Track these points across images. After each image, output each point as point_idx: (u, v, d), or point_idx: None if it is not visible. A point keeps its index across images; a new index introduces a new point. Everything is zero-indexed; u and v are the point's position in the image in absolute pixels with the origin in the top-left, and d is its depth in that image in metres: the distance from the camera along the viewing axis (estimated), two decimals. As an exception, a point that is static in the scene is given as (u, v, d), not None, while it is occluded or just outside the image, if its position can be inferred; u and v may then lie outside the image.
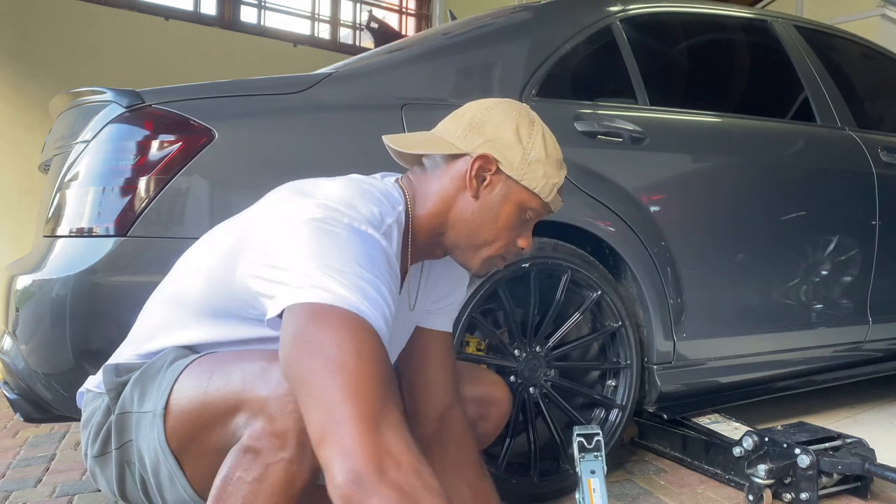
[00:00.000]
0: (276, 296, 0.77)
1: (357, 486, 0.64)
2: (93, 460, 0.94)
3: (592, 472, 1.21)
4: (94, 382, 0.98)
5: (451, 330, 1.16)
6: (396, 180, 1.00)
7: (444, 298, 1.15)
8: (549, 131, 0.99)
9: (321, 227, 0.80)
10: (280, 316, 0.77)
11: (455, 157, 0.97)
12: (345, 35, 5.65)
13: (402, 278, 1.03)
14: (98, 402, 0.95)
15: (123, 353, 0.99)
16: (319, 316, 0.72)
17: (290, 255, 0.78)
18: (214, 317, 0.92)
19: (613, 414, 1.73)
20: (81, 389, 1.02)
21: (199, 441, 0.83)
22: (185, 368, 0.86)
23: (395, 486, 0.65)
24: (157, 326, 0.97)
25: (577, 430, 1.27)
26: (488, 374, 1.27)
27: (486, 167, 0.95)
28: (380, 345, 0.74)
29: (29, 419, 1.40)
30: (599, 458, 1.23)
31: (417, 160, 1.03)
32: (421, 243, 1.00)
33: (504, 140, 0.95)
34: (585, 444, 1.24)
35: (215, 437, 0.81)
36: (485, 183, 0.95)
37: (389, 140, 0.99)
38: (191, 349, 0.93)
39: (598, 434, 1.25)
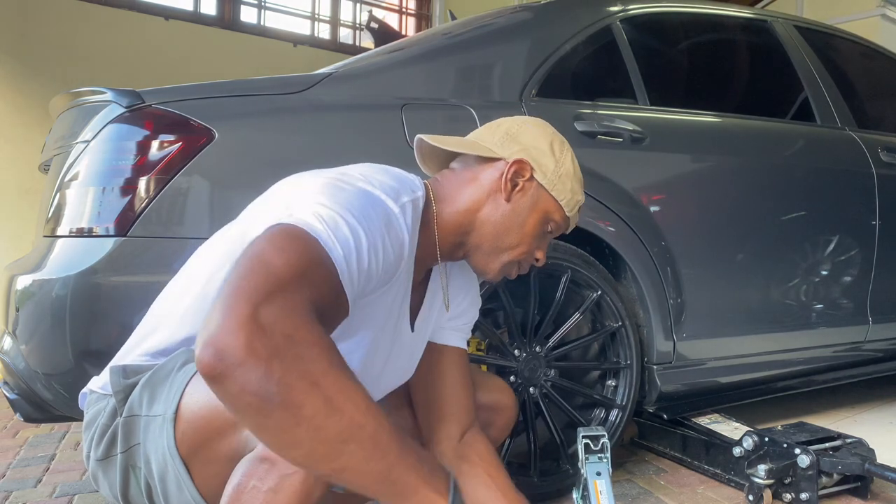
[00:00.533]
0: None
1: (217, 361, 0.60)
2: (96, 463, 0.92)
3: (598, 473, 1.21)
4: (99, 383, 0.96)
5: (465, 347, 1.18)
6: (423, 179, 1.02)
7: (460, 317, 1.17)
8: (574, 154, 1.05)
9: (330, 183, 0.82)
10: None
11: (489, 160, 1.01)
12: (345, 35, 5.65)
13: (423, 270, 1.03)
14: (103, 404, 0.93)
15: (129, 355, 0.97)
16: (271, 233, 0.72)
17: (281, 205, 0.80)
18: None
19: (613, 414, 1.74)
20: (84, 390, 1.00)
21: (210, 447, 0.81)
22: (196, 372, 0.85)
23: (262, 356, 0.60)
24: (160, 318, 0.95)
25: (582, 431, 1.27)
26: (494, 381, 1.27)
27: (521, 172, 0.99)
28: (316, 255, 0.71)
29: (29, 419, 1.40)
30: (605, 460, 1.22)
31: (444, 165, 1.07)
32: (445, 240, 1.01)
33: (540, 149, 1.00)
34: (591, 445, 1.23)
35: (227, 445, 0.80)
36: (517, 188, 0.99)
37: (427, 137, 1.02)
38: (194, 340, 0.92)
39: (603, 436, 1.25)
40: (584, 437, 1.25)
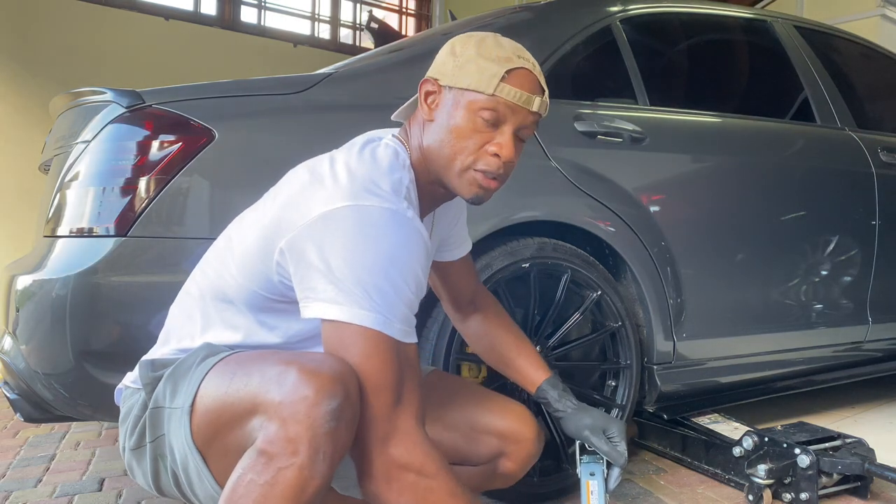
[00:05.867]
0: (306, 299, 0.86)
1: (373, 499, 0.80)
2: (130, 453, 0.96)
3: (592, 474, 1.21)
4: (131, 378, 1.01)
5: (470, 249, 1.27)
6: (395, 135, 1.03)
7: (452, 227, 1.21)
8: (493, 38, 0.97)
9: (349, 218, 0.84)
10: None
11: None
12: (345, 35, 5.65)
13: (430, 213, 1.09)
14: (136, 398, 0.97)
15: (163, 350, 1.01)
16: (349, 348, 0.84)
17: (317, 255, 0.84)
18: (264, 312, 0.96)
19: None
20: (119, 386, 1.04)
21: (221, 440, 0.84)
22: (212, 367, 0.88)
23: (399, 494, 0.83)
24: (203, 324, 0.98)
25: None
26: (513, 407, 1.19)
27: (429, 88, 0.99)
28: (393, 347, 0.85)
29: (29, 419, 1.40)
30: (601, 462, 1.22)
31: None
32: (426, 189, 1.02)
33: (441, 59, 1.00)
34: (586, 446, 1.23)
35: (235, 437, 0.83)
36: (432, 102, 0.99)
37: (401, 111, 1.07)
38: (241, 347, 0.96)
39: None
40: None
